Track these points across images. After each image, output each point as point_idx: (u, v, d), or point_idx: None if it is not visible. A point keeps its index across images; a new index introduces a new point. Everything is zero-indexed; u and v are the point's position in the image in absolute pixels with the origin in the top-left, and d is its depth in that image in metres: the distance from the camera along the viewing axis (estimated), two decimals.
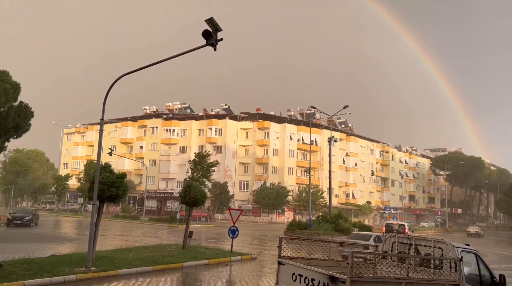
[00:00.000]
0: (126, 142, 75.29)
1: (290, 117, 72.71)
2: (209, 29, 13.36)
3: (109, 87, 14.54)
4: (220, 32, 13.70)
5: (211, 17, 13.06)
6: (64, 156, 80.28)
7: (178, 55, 15.00)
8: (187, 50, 14.97)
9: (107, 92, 14.59)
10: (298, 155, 69.95)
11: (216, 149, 66.15)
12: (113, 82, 14.61)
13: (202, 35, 13.18)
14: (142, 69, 15.69)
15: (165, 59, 15.21)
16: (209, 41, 13.51)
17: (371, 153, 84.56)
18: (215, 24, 13.34)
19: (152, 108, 79.06)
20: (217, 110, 72.87)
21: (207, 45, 13.67)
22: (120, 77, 14.62)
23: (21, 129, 24.21)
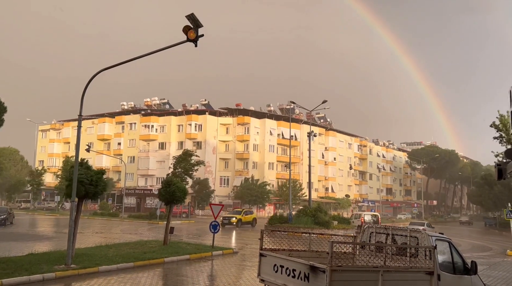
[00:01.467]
0: (103, 139, 74.06)
1: (270, 112, 73.00)
2: (189, 25, 13.34)
3: (87, 83, 14.34)
4: (200, 27, 13.73)
5: (191, 13, 13.02)
6: (39, 154, 78.32)
7: (157, 51, 14.91)
8: (167, 46, 14.90)
9: (84, 88, 14.39)
10: (278, 150, 70.38)
11: (196, 145, 65.84)
12: (91, 78, 14.42)
13: (183, 31, 13.15)
14: (120, 65, 15.53)
15: (144, 55, 15.10)
16: (189, 37, 13.49)
17: (349, 148, 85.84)
18: (195, 20, 13.30)
19: (130, 104, 77.88)
20: (197, 106, 72.47)
21: (187, 41, 13.65)
22: (98, 73, 14.43)
23: None
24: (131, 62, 15.40)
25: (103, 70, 14.63)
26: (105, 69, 14.87)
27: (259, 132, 68.57)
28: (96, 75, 14.33)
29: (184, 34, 13.48)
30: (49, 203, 65.28)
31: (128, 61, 15.30)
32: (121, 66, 15.66)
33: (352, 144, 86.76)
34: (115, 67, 15.08)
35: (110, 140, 73.92)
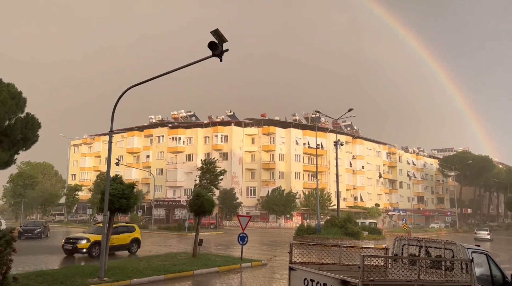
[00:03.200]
0: (132, 152, 75.77)
1: (295, 121, 72.78)
2: (214, 40, 13.58)
3: (117, 99, 14.77)
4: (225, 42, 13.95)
5: (216, 29, 13.25)
6: (71, 168, 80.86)
7: (184, 67, 15.21)
8: (193, 61, 15.18)
9: (115, 104, 14.82)
10: (305, 159, 69.92)
11: (223, 156, 66.34)
12: (120, 95, 14.84)
13: (208, 47, 13.37)
14: (148, 81, 15.94)
15: (171, 71, 15.42)
16: (214, 52, 13.72)
17: (377, 155, 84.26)
18: (220, 35, 13.52)
19: (158, 117, 79.53)
20: (222, 117, 73.16)
21: (212, 56, 13.88)
22: (128, 89, 14.85)
23: (29, 141, 24.45)
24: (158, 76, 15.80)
25: (132, 87, 15.06)
26: (134, 86, 15.29)
27: (285, 141, 68.42)
28: (126, 91, 14.75)
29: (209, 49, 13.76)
30: (81, 216, 67.14)
31: (156, 77, 15.69)
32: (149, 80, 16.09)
33: (380, 152, 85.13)
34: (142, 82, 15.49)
35: (139, 153, 75.55)
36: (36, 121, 24.44)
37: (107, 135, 16.48)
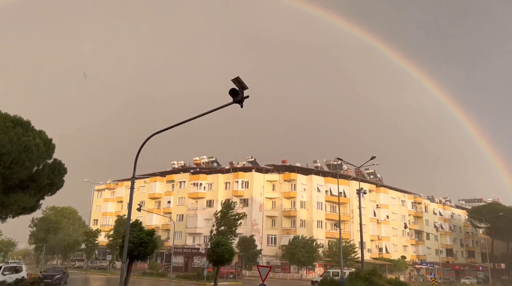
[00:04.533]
0: (154, 197, 76.14)
1: (316, 168, 72.14)
2: (235, 88, 13.95)
3: (141, 146, 15.11)
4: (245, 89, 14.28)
5: (237, 77, 13.66)
6: (94, 213, 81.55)
7: (206, 113, 15.57)
8: (214, 108, 15.54)
9: (138, 151, 15.13)
10: (327, 207, 68.43)
11: (243, 202, 65.74)
12: (144, 141, 15.18)
13: (229, 94, 13.74)
14: (171, 128, 16.30)
15: (193, 118, 15.79)
16: (235, 98, 14.06)
17: (402, 205, 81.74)
18: (241, 82, 13.92)
19: (180, 163, 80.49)
20: (243, 163, 73.34)
21: (234, 103, 14.20)
22: (151, 136, 15.20)
23: (55, 186, 25.03)
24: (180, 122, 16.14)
25: (155, 134, 15.41)
26: (157, 133, 15.66)
27: (306, 188, 67.52)
28: (149, 138, 15.09)
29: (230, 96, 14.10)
30: (101, 262, 66.66)
31: (178, 124, 16.05)
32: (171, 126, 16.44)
33: (405, 201, 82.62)
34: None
35: (161, 198, 75.82)
36: (62, 167, 25.13)
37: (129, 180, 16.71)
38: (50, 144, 24.05)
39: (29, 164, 21.43)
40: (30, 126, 23.13)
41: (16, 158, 20.86)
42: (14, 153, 20.58)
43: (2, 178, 20.84)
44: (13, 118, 22.42)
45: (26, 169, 21.32)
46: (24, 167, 21.06)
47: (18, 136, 21.07)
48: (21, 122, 22.58)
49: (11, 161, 20.84)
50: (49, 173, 23.69)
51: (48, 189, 24.31)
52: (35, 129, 23.71)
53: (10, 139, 20.37)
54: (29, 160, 21.40)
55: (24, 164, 21.10)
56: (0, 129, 20.41)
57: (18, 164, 21.01)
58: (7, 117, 21.88)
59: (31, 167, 22.13)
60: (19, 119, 22.64)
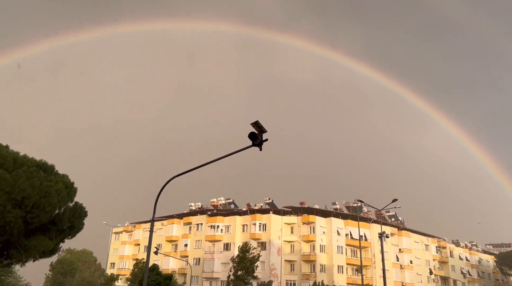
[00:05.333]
0: (171, 240, 75.40)
1: (335, 210, 70.82)
2: (254, 131, 14.20)
3: (161, 189, 15.27)
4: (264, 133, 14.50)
5: (256, 121, 13.94)
6: (111, 256, 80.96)
7: (225, 156, 15.77)
8: (234, 151, 15.75)
9: (158, 194, 15.28)
10: (347, 251, 66.33)
11: (261, 246, 64.38)
12: (164, 184, 15.36)
13: (249, 137, 13.97)
14: (190, 171, 16.49)
15: (212, 161, 15.99)
16: (254, 142, 14.26)
17: (426, 249, 78.63)
18: (260, 126, 14.17)
19: (197, 205, 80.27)
20: (261, 205, 72.61)
21: (253, 146, 14.38)
22: (171, 179, 15.38)
23: (75, 229, 25.23)
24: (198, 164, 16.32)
25: (175, 177, 15.60)
26: (177, 176, 15.85)
27: (326, 232, 65.92)
28: (169, 182, 15.27)
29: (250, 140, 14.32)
30: None
31: (198, 167, 16.25)
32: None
33: (429, 246, 79.51)
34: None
35: (178, 241, 75.02)
36: (83, 210, 25.49)
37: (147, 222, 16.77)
38: (72, 188, 24.59)
39: (49, 208, 21.94)
40: (54, 170, 23.87)
41: (37, 202, 21.48)
42: (35, 198, 21.26)
43: (24, 222, 21.25)
44: (38, 162, 23.19)
45: (46, 213, 21.79)
46: (44, 211, 21.57)
47: (41, 181, 21.79)
48: (46, 166, 23.35)
49: (32, 206, 21.43)
50: (70, 216, 24.01)
51: (68, 232, 24.54)
52: (59, 173, 24.38)
53: (32, 185, 21.10)
54: (50, 204, 21.94)
55: (44, 209, 21.64)
56: (24, 174, 21.21)
57: (39, 209, 21.55)
58: (32, 162, 22.69)
59: (51, 211, 22.57)
60: (43, 163, 23.41)
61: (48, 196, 21.83)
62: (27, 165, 22.31)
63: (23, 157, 23.20)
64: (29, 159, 23.05)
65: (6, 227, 20.89)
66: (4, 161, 21.66)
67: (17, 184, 21.02)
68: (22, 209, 21.23)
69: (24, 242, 21.67)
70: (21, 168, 21.92)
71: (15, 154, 22.88)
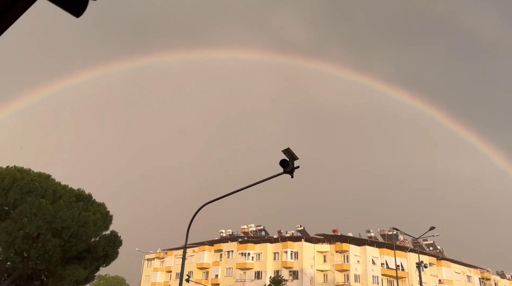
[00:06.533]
0: (202, 267, 74.99)
1: (370, 238, 68.56)
2: (286, 158, 14.17)
3: (193, 216, 15.38)
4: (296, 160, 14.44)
5: (288, 148, 13.94)
6: (143, 283, 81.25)
7: (257, 183, 15.76)
8: (264, 178, 15.73)
9: (190, 221, 15.39)
10: (384, 282, 63.60)
11: (293, 275, 62.88)
12: (196, 211, 15.47)
13: (280, 164, 13.94)
14: (221, 198, 16.56)
15: (244, 188, 16.01)
16: (286, 169, 14.21)
17: (468, 281, 74.23)
18: (291, 153, 14.14)
19: (228, 231, 79.98)
20: (292, 232, 71.41)
21: (284, 173, 14.32)
22: (203, 206, 15.48)
23: (110, 258, 25.68)
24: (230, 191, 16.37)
25: (206, 204, 15.70)
26: (208, 203, 15.95)
27: (360, 260, 63.69)
28: (201, 208, 15.38)
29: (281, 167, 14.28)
30: None
31: (230, 194, 16.31)
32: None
33: (471, 277, 75.08)
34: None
35: (209, 268, 74.53)
36: (118, 239, 26.00)
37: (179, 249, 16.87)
38: (107, 217, 25.32)
39: (86, 237, 22.61)
40: (92, 199, 24.70)
41: (75, 232, 22.21)
42: (74, 228, 22.03)
43: (62, 250, 21.88)
44: (76, 192, 24.09)
45: (83, 242, 22.41)
46: (81, 240, 22.20)
47: (79, 210, 22.59)
48: (83, 196, 24.23)
49: (70, 235, 22.15)
50: (105, 245, 24.57)
51: (103, 261, 25.02)
52: (96, 202, 25.18)
53: (71, 215, 21.94)
54: (87, 234, 22.62)
55: (82, 238, 22.29)
56: (65, 204, 22.10)
57: (76, 238, 22.23)
58: (71, 192, 23.58)
59: (88, 240, 23.21)
60: (81, 193, 24.27)
61: (86, 226, 22.57)
62: (66, 195, 23.21)
63: (62, 187, 24.19)
64: (68, 190, 24.01)
65: (45, 255, 21.60)
66: (45, 192, 22.67)
67: (58, 215, 21.90)
68: (61, 238, 21.96)
69: (60, 270, 22.25)
70: (61, 198, 22.84)
71: (55, 185, 23.89)
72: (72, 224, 21.79)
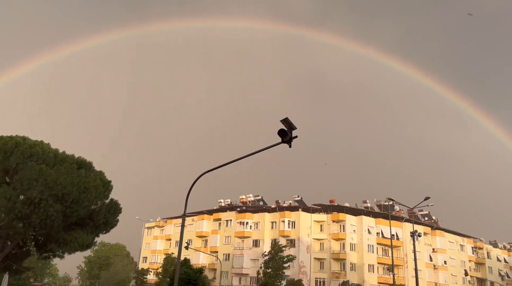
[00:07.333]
0: (201, 236, 76.54)
1: (366, 209, 69.68)
2: (284, 128, 14.19)
3: (191, 184, 15.56)
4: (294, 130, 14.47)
5: (286, 118, 13.93)
6: (143, 250, 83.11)
7: (255, 153, 15.85)
8: (263, 148, 15.80)
9: (189, 189, 15.58)
10: (379, 250, 65.17)
11: (290, 243, 64.29)
12: (195, 180, 15.63)
13: (278, 134, 13.98)
14: (220, 167, 16.70)
15: (242, 157, 16.11)
16: (284, 139, 14.26)
17: (461, 250, 76.09)
18: (289, 123, 14.15)
19: (227, 201, 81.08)
20: (290, 202, 72.47)
21: (282, 143, 14.39)
22: (201, 175, 15.63)
23: (110, 225, 26.18)
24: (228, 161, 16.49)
25: (205, 173, 15.85)
26: (207, 172, 16.09)
27: (356, 230, 65.00)
28: (199, 177, 15.53)
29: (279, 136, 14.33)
30: None
31: (228, 163, 16.42)
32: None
33: (464, 246, 76.89)
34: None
35: (207, 237, 76.08)
36: (118, 207, 26.36)
37: (178, 218, 17.21)
38: (108, 185, 25.56)
39: (87, 204, 22.86)
40: (92, 167, 24.83)
41: (76, 198, 22.40)
42: (75, 194, 22.18)
43: (63, 216, 22.17)
44: (78, 160, 24.19)
45: (84, 208, 22.68)
46: (83, 206, 22.46)
47: (80, 177, 22.72)
48: (85, 163, 24.34)
49: (72, 201, 22.34)
50: (106, 212, 24.93)
51: (103, 228, 25.49)
52: (96, 170, 25.34)
53: (72, 181, 22.02)
54: (88, 200, 22.85)
55: (83, 204, 22.54)
56: (66, 170, 22.17)
57: (78, 204, 22.47)
58: (72, 159, 23.64)
59: (89, 206, 23.50)
60: (82, 160, 24.38)
61: (87, 192, 22.77)
62: (68, 161, 23.30)
63: (62, 154, 24.22)
64: (68, 156, 24.05)
65: (47, 221, 21.91)
66: (46, 157, 22.73)
67: (59, 180, 22.01)
68: (62, 204, 22.20)
69: (63, 236, 22.65)
70: (63, 164, 22.92)
71: (55, 151, 23.90)
72: (73, 190, 21.96)
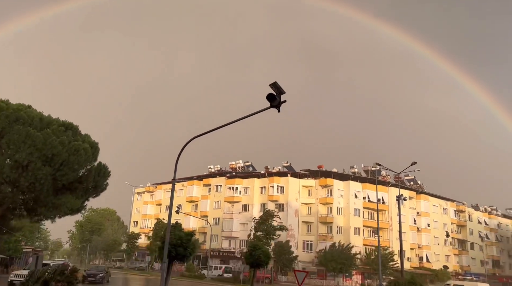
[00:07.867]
0: (191, 201, 77.54)
1: (354, 174, 70.90)
2: (273, 93, 14.12)
3: (181, 150, 15.57)
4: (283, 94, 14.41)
5: (275, 81, 13.84)
6: (134, 215, 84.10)
7: (244, 118, 15.82)
8: (252, 113, 15.78)
9: (178, 154, 15.60)
10: (365, 214, 66.99)
11: (278, 207, 65.59)
12: (184, 145, 15.63)
13: (267, 98, 13.92)
14: (209, 132, 16.68)
15: (231, 122, 16.07)
16: (273, 103, 14.22)
17: (444, 213, 78.64)
18: (278, 87, 14.08)
19: (217, 167, 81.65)
20: (279, 168, 73.26)
21: (271, 108, 14.36)
22: (190, 141, 15.62)
23: (100, 188, 26.22)
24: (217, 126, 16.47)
25: (194, 138, 15.83)
26: (196, 137, 16.08)
27: (343, 194, 66.46)
28: (188, 142, 15.52)
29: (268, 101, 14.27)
30: (140, 263, 68.73)
31: (217, 128, 16.39)
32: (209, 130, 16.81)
33: (447, 209, 79.44)
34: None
35: (198, 201, 77.14)
36: (107, 170, 26.29)
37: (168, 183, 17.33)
38: (96, 148, 25.31)
39: (77, 166, 22.68)
40: (78, 130, 24.48)
41: (66, 160, 22.12)
42: (64, 155, 21.84)
43: (53, 179, 22.08)
44: (64, 123, 23.79)
45: (74, 172, 22.53)
46: (72, 169, 22.29)
47: (69, 139, 22.35)
48: (71, 126, 23.94)
49: (61, 163, 22.10)
50: (95, 175, 24.85)
51: (93, 191, 25.51)
52: (82, 134, 25.04)
53: (62, 142, 21.66)
54: (78, 163, 22.64)
55: (72, 167, 22.34)
56: (53, 132, 21.77)
57: (67, 166, 22.26)
58: (58, 122, 23.25)
59: (79, 169, 23.37)
60: (69, 123, 23.97)
61: (77, 154, 22.47)
62: (54, 124, 22.83)
63: (48, 117, 23.78)
64: (54, 119, 23.61)
65: (37, 184, 21.72)
66: (32, 121, 22.25)
67: (48, 141, 21.51)
68: (51, 166, 21.99)
69: (53, 200, 22.62)
70: (49, 127, 22.47)
71: (40, 114, 23.46)
72: (63, 152, 21.63)
